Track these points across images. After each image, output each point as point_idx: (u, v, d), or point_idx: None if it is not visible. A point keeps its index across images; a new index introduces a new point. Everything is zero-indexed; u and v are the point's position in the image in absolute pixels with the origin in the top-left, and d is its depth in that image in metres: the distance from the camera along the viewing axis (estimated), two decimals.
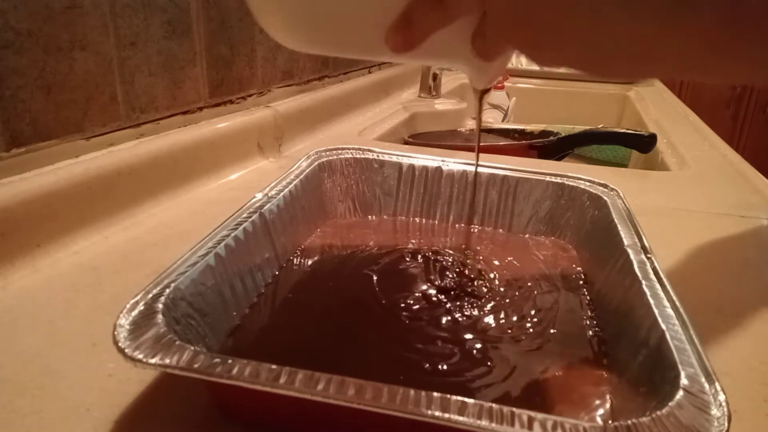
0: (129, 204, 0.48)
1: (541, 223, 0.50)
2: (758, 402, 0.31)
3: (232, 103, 0.65)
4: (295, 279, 0.41)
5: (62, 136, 0.44)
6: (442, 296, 0.39)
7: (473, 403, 0.22)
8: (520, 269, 0.44)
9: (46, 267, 0.40)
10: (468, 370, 0.31)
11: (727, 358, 0.34)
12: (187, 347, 0.24)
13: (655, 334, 0.29)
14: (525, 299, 0.39)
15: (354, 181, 0.52)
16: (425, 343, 0.34)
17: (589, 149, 1.14)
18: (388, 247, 0.46)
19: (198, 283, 0.31)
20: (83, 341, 0.32)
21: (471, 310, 0.37)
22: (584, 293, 0.40)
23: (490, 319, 0.36)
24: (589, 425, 0.22)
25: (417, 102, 1.10)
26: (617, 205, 0.45)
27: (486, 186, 0.51)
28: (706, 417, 0.22)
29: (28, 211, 0.39)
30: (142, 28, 0.50)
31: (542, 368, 0.32)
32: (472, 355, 0.33)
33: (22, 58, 0.40)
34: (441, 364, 0.32)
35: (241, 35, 0.65)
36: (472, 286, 0.40)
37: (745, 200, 0.63)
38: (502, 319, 0.37)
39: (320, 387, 0.22)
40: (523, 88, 1.49)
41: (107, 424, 0.27)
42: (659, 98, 1.31)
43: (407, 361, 0.32)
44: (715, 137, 0.93)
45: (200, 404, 0.28)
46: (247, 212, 0.39)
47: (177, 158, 0.53)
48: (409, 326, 0.35)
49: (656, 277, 0.33)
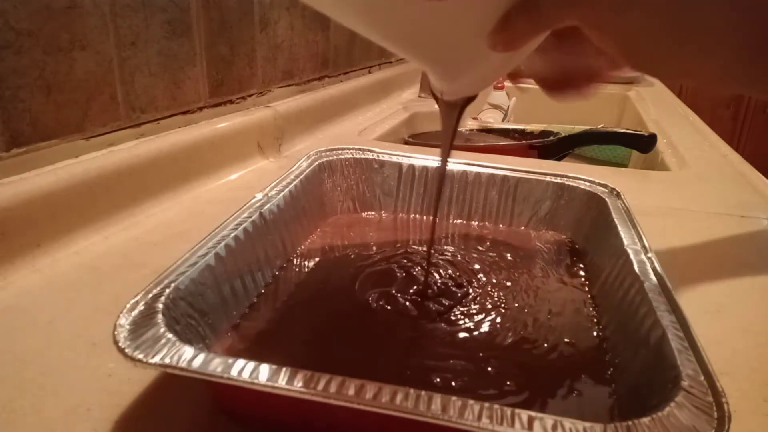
0: (129, 204, 0.48)
1: (541, 223, 0.51)
2: (758, 402, 0.31)
3: (232, 103, 0.65)
4: (295, 279, 0.41)
5: (62, 136, 0.44)
6: (442, 296, 0.39)
7: (473, 403, 0.22)
8: (521, 267, 0.44)
9: (46, 267, 0.40)
10: (468, 369, 0.31)
11: (727, 358, 0.34)
12: (187, 347, 0.24)
13: (655, 334, 0.29)
14: (527, 298, 0.39)
15: (354, 181, 0.52)
16: (426, 343, 0.34)
17: (589, 149, 1.14)
18: (388, 246, 0.46)
19: (198, 283, 0.31)
20: (83, 341, 0.32)
21: (471, 308, 0.37)
22: (585, 291, 0.40)
23: (491, 319, 0.36)
24: (589, 425, 0.22)
25: (417, 102, 1.10)
26: (617, 205, 0.44)
27: (486, 186, 0.51)
28: (706, 417, 0.22)
29: (28, 211, 0.39)
30: (142, 28, 0.50)
31: (542, 367, 0.32)
32: (474, 355, 0.33)
33: (22, 58, 0.40)
34: (441, 363, 0.32)
35: (241, 35, 0.65)
36: (473, 285, 0.40)
37: (745, 200, 0.63)
38: (503, 318, 0.36)
39: (320, 387, 0.22)
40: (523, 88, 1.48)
41: (107, 424, 0.27)
42: (659, 98, 1.31)
43: (407, 361, 0.32)
44: (715, 137, 0.93)
45: (200, 404, 0.28)
46: (247, 212, 0.39)
47: (177, 158, 0.53)
48: (410, 326, 0.35)
49: (656, 277, 0.33)
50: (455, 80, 0.32)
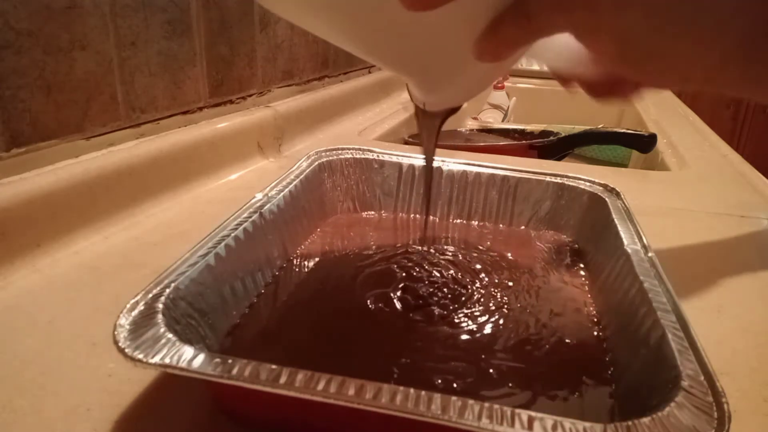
0: (129, 204, 0.48)
1: (541, 223, 0.51)
2: (758, 402, 0.31)
3: (232, 103, 0.65)
4: (295, 279, 0.41)
5: (62, 136, 0.44)
6: (443, 296, 0.39)
7: (473, 403, 0.22)
8: (522, 266, 0.44)
9: (46, 267, 0.40)
10: (469, 371, 0.31)
11: (727, 358, 0.34)
12: (187, 347, 0.24)
13: (655, 334, 0.29)
14: (528, 296, 0.39)
15: (354, 181, 0.52)
16: (426, 343, 0.34)
17: (589, 149, 1.15)
18: (388, 246, 0.46)
19: (198, 283, 0.31)
20: (83, 341, 0.32)
21: (472, 307, 0.37)
22: (585, 291, 0.40)
23: (491, 317, 0.36)
24: (589, 425, 0.22)
25: None
26: (617, 205, 0.45)
27: (486, 186, 0.51)
28: (706, 417, 0.22)
29: (28, 211, 0.39)
30: (142, 28, 0.50)
31: (543, 367, 0.32)
32: (474, 354, 0.33)
33: (22, 58, 0.40)
34: (442, 364, 0.32)
35: (241, 35, 0.65)
36: (474, 284, 0.40)
37: (745, 200, 0.63)
38: (504, 317, 0.36)
39: (320, 387, 0.22)
40: (523, 88, 1.49)
41: (107, 424, 0.27)
42: (659, 98, 1.31)
43: (408, 360, 0.32)
44: (715, 137, 0.93)
45: (200, 404, 0.28)
46: (247, 212, 0.39)
47: (177, 158, 0.53)
48: (410, 326, 0.35)
49: (656, 277, 0.33)
50: (437, 92, 0.30)
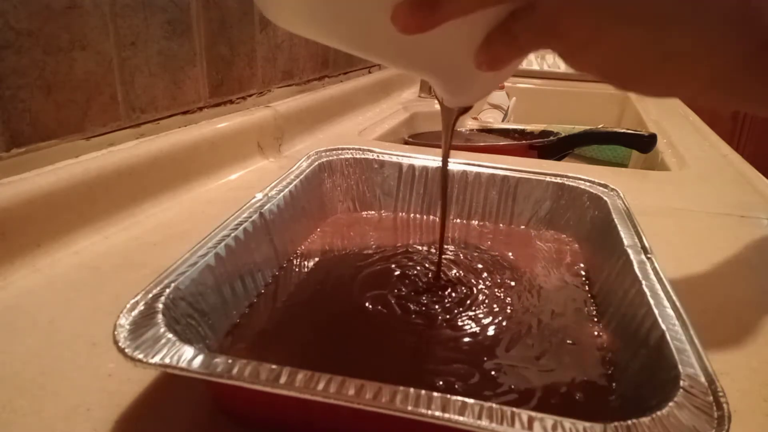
0: (129, 204, 0.48)
1: (541, 223, 0.51)
2: (758, 402, 0.31)
3: (232, 103, 0.65)
4: (295, 279, 0.41)
5: (62, 136, 0.44)
6: (443, 296, 0.39)
7: (473, 402, 0.22)
8: (523, 265, 0.44)
9: (46, 267, 0.40)
10: (470, 372, 0.31)
11: (727, 358, 0.34)
12: (187, 347, 0.24)
13: (655, 334, 0.29)
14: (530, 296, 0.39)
15: (354, 181, 0.52)
16: (426, 343, 0.34)
17: (589, 149, 1.15)
18: (388, 246, 0.46)
19: (198, 283, 0.31)
20: (83, 341, 0.32)
21: (473, 307, 0.37)
22: (585, 291, 0.40)
23: (492, 316, 0.36)
24: (589, 425, 0.22)
25: (417, 102, 1.10)
26: (617, 205, 0.45)
27: (486, 186, 0.51)
28: (706, 417, 0.22)
29: (28, 211, 0.39)
30: (142, 28, 0.50)
31: (543, 368, 0.32)
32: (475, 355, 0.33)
33: (22, 58, 0.40)
34: (443, 364, 0.32)
35: (241, 35, 0.65)
36: (475, 284, 0.40)
37: (745, 200, 0.63)
38: (505, 316, 0.36)
39: (320, 387, 0.22)
40: (523, 88, 1.49)
41: (107, 424, 0.27)
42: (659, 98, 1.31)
43: (408, 361, 0.32)
44: (715, 137, 0.93)
45: (200, 404, 0.28)
46: (247, 212, 0.39)
47: (177, 158, 0.53)
48: (411, 326, 0.35)
49: (656, 277, 0.33)
50: (448, 93, 0.33)
